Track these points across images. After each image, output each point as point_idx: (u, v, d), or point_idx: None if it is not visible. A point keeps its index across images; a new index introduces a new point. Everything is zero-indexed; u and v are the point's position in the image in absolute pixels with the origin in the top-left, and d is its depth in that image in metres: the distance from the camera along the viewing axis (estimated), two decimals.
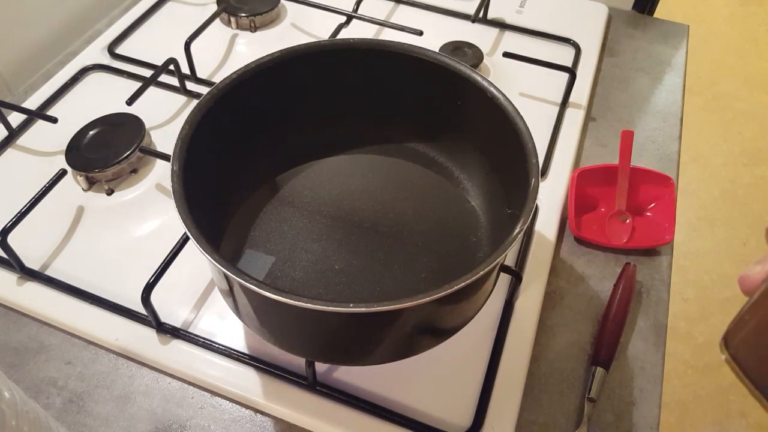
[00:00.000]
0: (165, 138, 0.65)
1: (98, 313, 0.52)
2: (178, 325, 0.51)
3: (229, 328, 0.51)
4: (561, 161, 0.64)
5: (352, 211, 0.53)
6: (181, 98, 0.69)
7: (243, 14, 0.77)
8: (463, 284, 0.36)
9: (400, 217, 0.52)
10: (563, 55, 0.75)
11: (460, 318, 0.45)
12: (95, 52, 0.74)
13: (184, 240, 0.51)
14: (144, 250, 0.56)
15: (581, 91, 0.71)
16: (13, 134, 0.65)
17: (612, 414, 0.49)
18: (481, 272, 0.37)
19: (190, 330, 0.51)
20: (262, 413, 0.48)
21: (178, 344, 0.50)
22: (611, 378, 0.50)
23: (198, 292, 0.53)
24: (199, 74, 0.71)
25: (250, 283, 0.36)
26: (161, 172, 0.62)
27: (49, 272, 0.54)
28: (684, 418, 1.32)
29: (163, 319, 0.51)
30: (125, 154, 0.60)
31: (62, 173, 0.57)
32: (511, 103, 0.47)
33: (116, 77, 0.71)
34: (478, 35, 0.77)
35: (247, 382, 0.48)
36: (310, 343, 0.45)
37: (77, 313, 0.52)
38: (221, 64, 0.74)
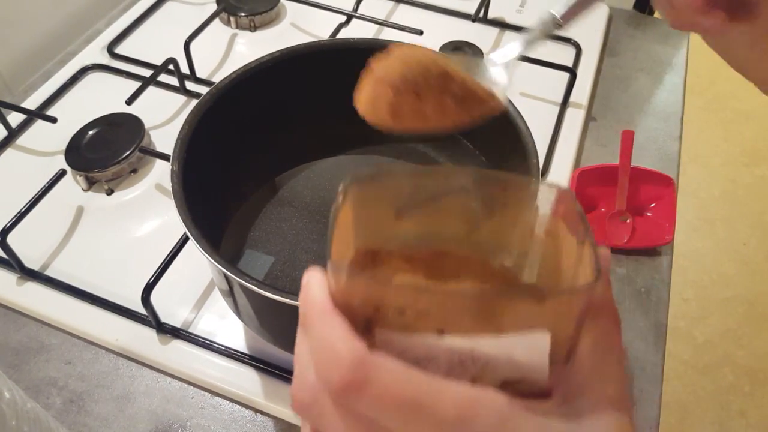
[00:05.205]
0: (164, 138, 0.65)
1: (98, 313, 0.52)
2: (178, 325, 0.51)
3: (229, 328, 0.51)
4: (561, 161, 0.64)
5: None
6: (181, 98, 0.69)
7: (242, 14, 0.76)
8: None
9: None
10: (564, 54, 0.75)
11: None
12: (95, 52, 0.74)
13: (183, 240, 0.51)
14: (144, 250, 0.56)
15: (582, 91, 0.71)
16: (13, 134, 0.65)
17: None
18: None
19: (190, 330, 0.51)
20: (263, 413, 0.48)
21: (178, 344, 0.50)
22: None
23: (198, 292, 0.53)
24: (199, 74, 0.71)
25: (250, 283, 0.36)
26: (161, 172, 0.61)
27: (48, 272, 0.54)
28: (684, 419, 1.32)
29: (163, 319, 0.51)
30: (125, 154, 0.59)
31: (62, 173, 0.57)
32: (512, 102, 0.47)
33: (116, 77, 0.71)
34: (479, 35, 0.77)
35: (248, 382, 0.48)
36: None
37: (77, 313, 0.51)
38: (221, 63, 0.74)
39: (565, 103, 0.70)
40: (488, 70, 0.33)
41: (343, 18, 0.77)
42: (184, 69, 0.70)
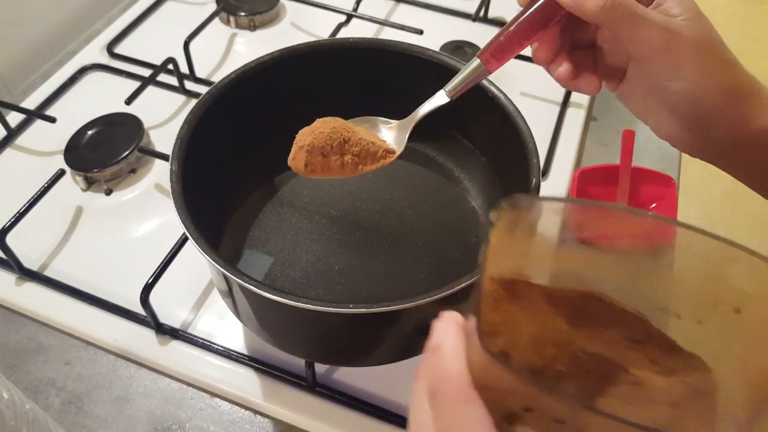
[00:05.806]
0: (164, 138, 0.64)
1: (97, 314, 0.51)
2: (177, 325, 0.51)
3: (229, 328, 0.51)
4: (562, 161, 0.64)
5: (351, 211, 0.53)
6: (180, 98, 0.69)
7: (242, 13, 0.76)
8: (463, 285, 0.36)
9: (400, 218, 0.52)
10: None
11: None
12: (94, 52, 0.74)
13: (183, 240, 0.51)
14: (143, 251, 0.55)
15: None
16: (12, 134, 0.65)
17: None
18: None
19: (189, 331, 0.51)
20: (262, 414, 0.48)
21: (177, 345, 0.50)
22: None
23: (197, 292, 0.53)
24: (198, 74, 0.71)
25: (249, 284, 0.36)
26: (160, 172, 0.61)
27: (47, 273, 0.54)
28: None
29: (162, 319, 0.50)
30: (124, 154, 0.59)
31: (61, 173, 0.57)
32: (512, 102, 0.47)
33: (115, 77, 0.71)
34: (479, 34, 0.77)
35: (247, 383, 0.48)
36: (309, 344, 0.45)
37: (76, 313, 0.51)
38: (220, 63, 0.74)
39: (565, 103, 0.69)
40: (383, 131, 0.46)
41: (343, 18, 0.77)
42: (184, 69, 0.70)
